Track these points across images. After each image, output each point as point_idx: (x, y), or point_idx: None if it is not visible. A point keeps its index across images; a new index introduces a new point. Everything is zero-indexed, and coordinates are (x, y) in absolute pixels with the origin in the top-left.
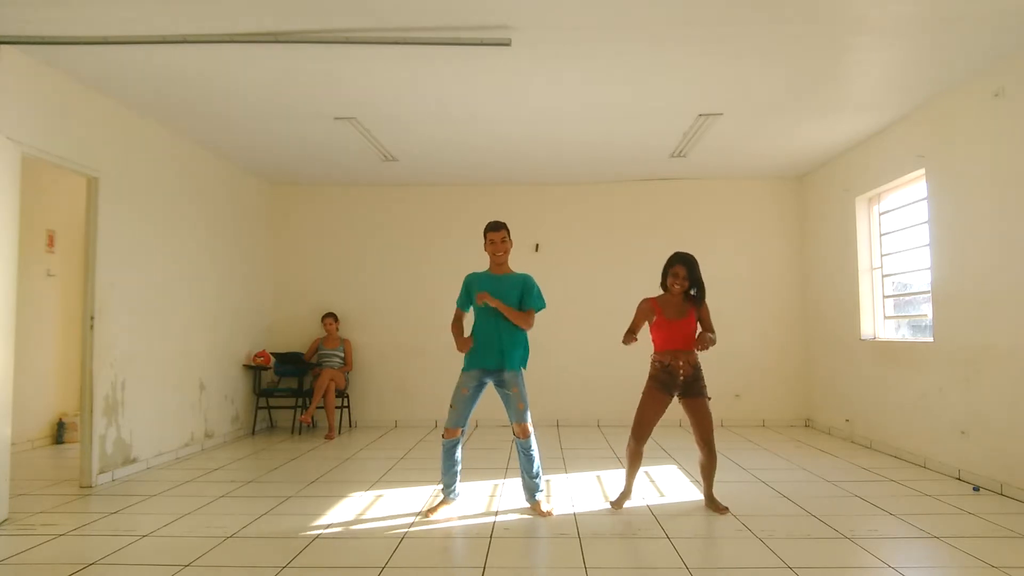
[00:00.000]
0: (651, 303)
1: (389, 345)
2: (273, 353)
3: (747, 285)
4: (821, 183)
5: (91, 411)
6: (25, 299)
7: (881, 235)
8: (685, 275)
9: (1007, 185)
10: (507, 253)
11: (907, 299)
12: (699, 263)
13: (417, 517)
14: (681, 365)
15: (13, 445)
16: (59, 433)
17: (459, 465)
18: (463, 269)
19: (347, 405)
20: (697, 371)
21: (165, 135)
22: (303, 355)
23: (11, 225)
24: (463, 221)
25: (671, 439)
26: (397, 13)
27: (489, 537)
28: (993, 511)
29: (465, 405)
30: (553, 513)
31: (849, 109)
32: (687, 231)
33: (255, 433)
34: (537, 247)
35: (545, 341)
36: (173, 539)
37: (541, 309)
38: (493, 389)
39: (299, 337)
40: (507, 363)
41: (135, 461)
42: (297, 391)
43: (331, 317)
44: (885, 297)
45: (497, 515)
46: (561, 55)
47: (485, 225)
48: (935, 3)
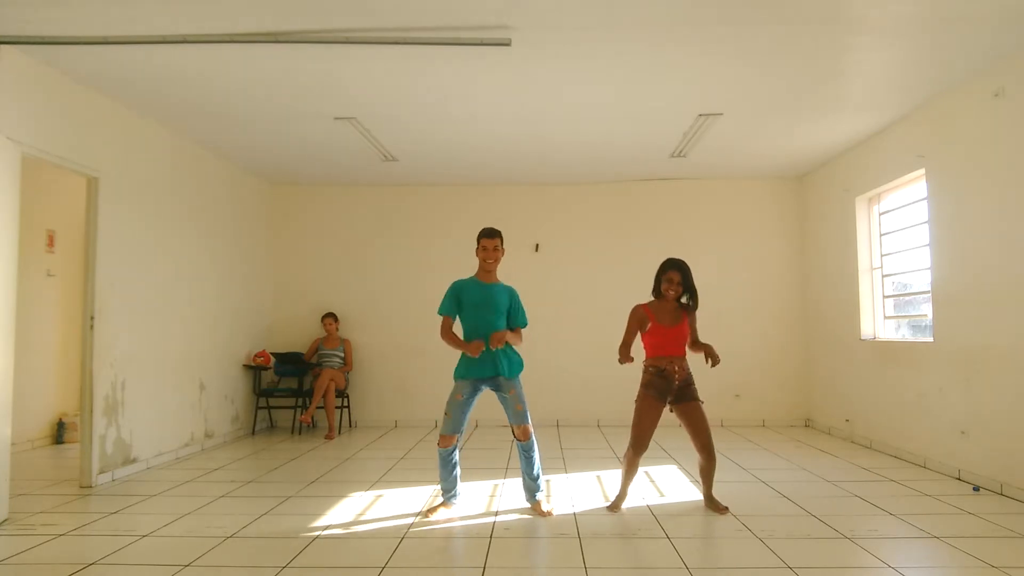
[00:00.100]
0: (644, 309)
1: (389, 345)
2: (273, 353)
3: (747, 285)
4: (821, 183)
5: (91, 411)
6: (25, 299)
7: (881, 235)
8: (679, 280)
9: (1007, 185)
10: (497, 262)
11: (907, 299)
12: (699, 263)
13: (417, 517)
14: (676, 369)
15: (13, 445)
16: (59, 433)
17: (457, 469)
18: (463, 269)
19: (347, 405)
20: (689, 376)
21: (165, 135)
22: (303, 355)
23: (11, 225)
24: (463, 221)
25: (671, 439)
26: (397, 13)
27: (489, 537)
28: (993, 511)
29: (461, 412)
30: (553, 513)
31: (849, 109)
32: (687, 231)
33: (255, 433)
34: (537, 247)
35: (545, 341)
36: (173, 539)
37: (525, 327)
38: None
39: (299, 337)
40: (501, 371)
41: (135, 461)
42: (297, 391)
43: (331, 317)
44: (885, 297)
45: (497, 515)
46: (561, 55)
47: (480, 230)
48: (935, 3)
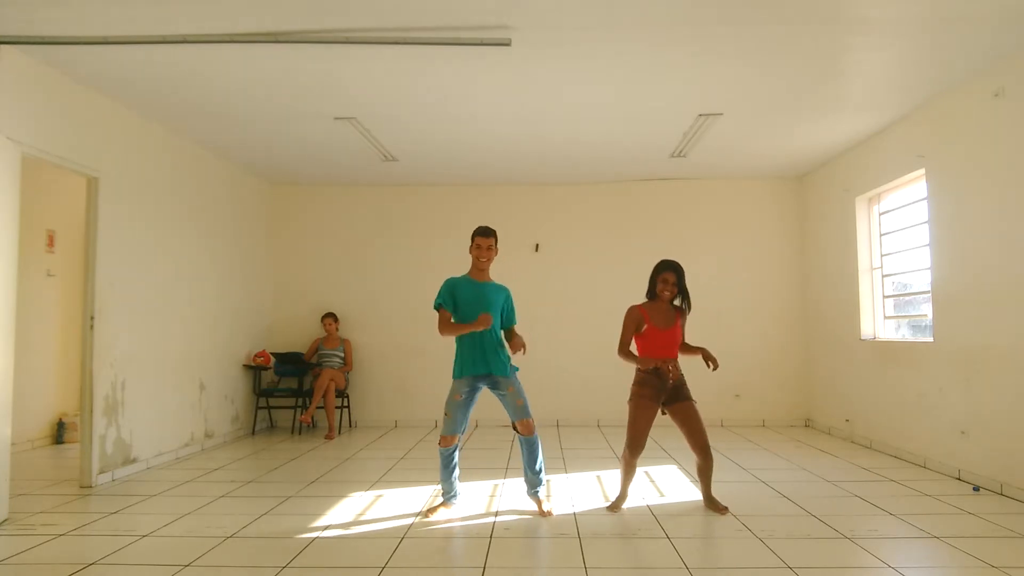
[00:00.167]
0: (640, 311)
1: (389, 345)
2: (273, 353)
3: (747, 285)
4: (821, 183)
5: (91, 411)
6: (25, 299)
7: (881, 235)
8: (674, 281)
9: (1007, 185)
10: (491, 261)
11: (907, 299)
12: (699, 263)
13: (417, 517)
14: (670, 369)
15: (13, 445)
16: (59, 433)
17: (458, 470)
18: (463, 269)
19: (347, 405)
20: (682, 376)
21: (165, 135)
22: (303, 355)
23: (11, 225)
24: (463, 221)
25: (671, 439)
26: (397, 13)
27: (489, 537)
28: (993, 511)
29: (460, 411)
30: (553, 513)
31: (849, 109)
32: (687, 231)
33: (255, 433)
34: (537, 247)
35: (545, 341)
36: (173, 539)
37: (514, 326)
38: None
39: (299, 337)
40: (495, 369)
41: (135, 461)
42: (297, 391)
43: (331, 317)
44: (885, 297)
45: (497, 515)
46: (561, 55)
47: (475, 228)
48: (935, 3)
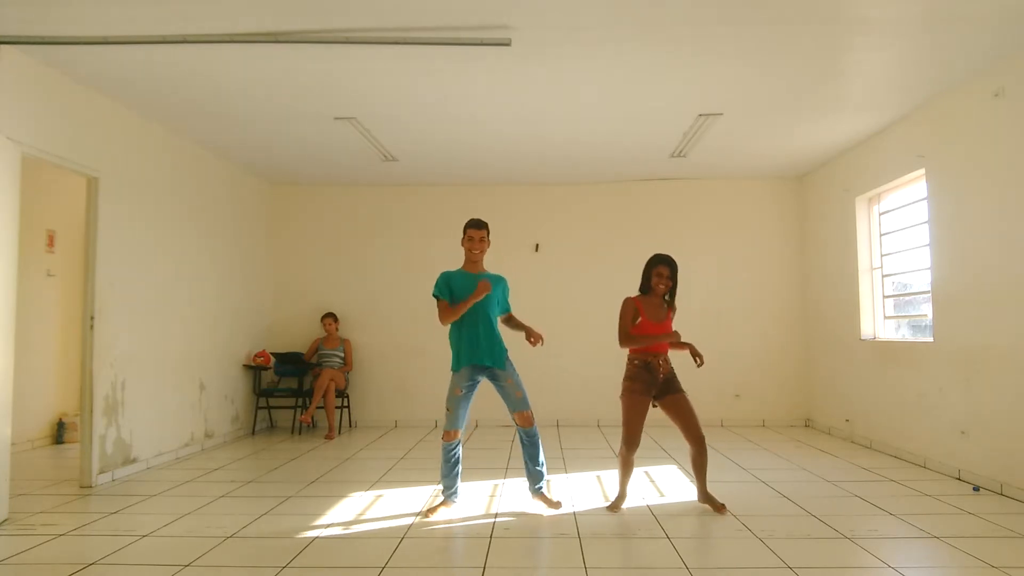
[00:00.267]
0: (636, 302)
1: (389, 345)
2: (273, 353)
3: (747, 285)
4: (821, 183)
5: (91, 411)
6: (25, 299)
7: (881, 235)
8: (669, 275)
9: (1007, 185)
10: (483, 252)
11: (907, 299)
12: (699, 263)
13: (417, 517)
14: (661, 363)
15: (13, 445)
16: (59, 433)
17: (459, 467)
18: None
19: (347, 405)
20: (672, 370)
21: (165, 135)
22: (303, 355)
23: (11, 225)
24: (463, 221)
25: (671, 439)
26: (397, 13)
27: (489, 537)
28: (993, 511)
29: (461, 406)
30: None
31: (849, 109)
32: (687, 231)
33: (255, 433)
34: (537, 247)
35: (545, 341)
36: (173, 539)
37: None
38: (489, 389)
39: (299, 337)
40: (492, 360)
41: (135, 461)
42: (297, 391)
43: (331, 317)
44: (885, 297)
45: (497, 515)
46: (561, 55)
47: (467, 221)
48: (935, 3)
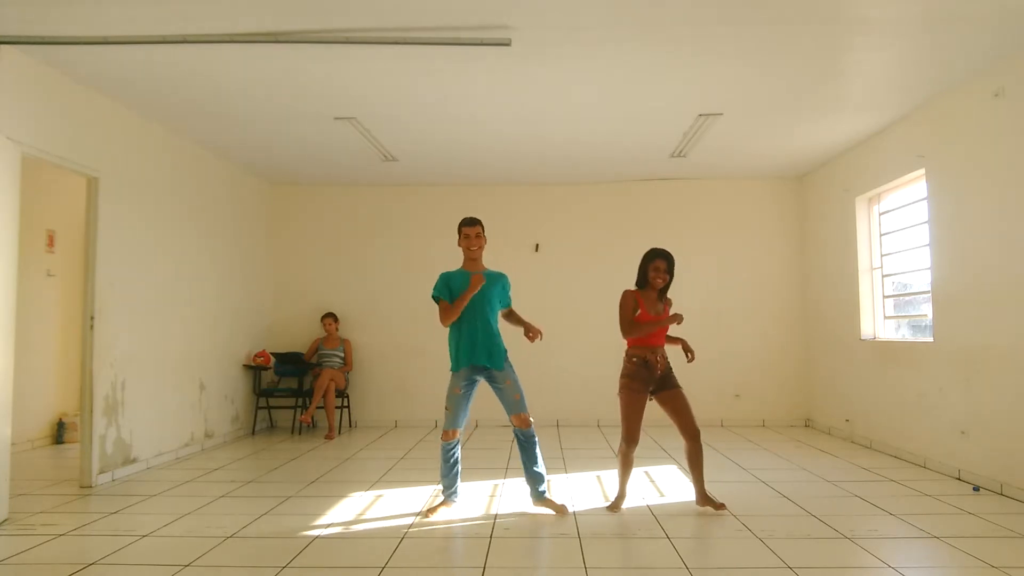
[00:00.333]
0: (635, 295)
1: (389, 345)
2: (273, 353)
3: (747, 285)
4: (821, 183)
5: (91, 411)
6: (25, 299)
7: (881, 235)
8: (666, 269)
9: (1007, 185)
10: (481, 248)
11: (907, 299)
12: (699, 263)
13: (417, 517)
14: (659, 360)
15: (13, 445)
16: (59, 433)
17: (459, 466)
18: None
19: (347, 405)
20: (669, 365)
21: (165, 135)
22: (303, 355)
23: (11, 225)
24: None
25: (671, 439)
26: (397, 13)
27: (489, 537)
28: (993, 511)
29: (460, 405)
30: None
31: (849, 109)
32: (687, 231)
33: (255, 433)
34: (537, 247)
35: (545, 341)
36: (173, 539)
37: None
38: (487, 389)
39: (299, 337)
40: (490, 361)
41: (135, 461)
42: (297, 391)
43: (331, 317)
44: (885, 297)
45: (497, 515)
46: (561, 55)
47: (460, 220)
48: (935, 3)
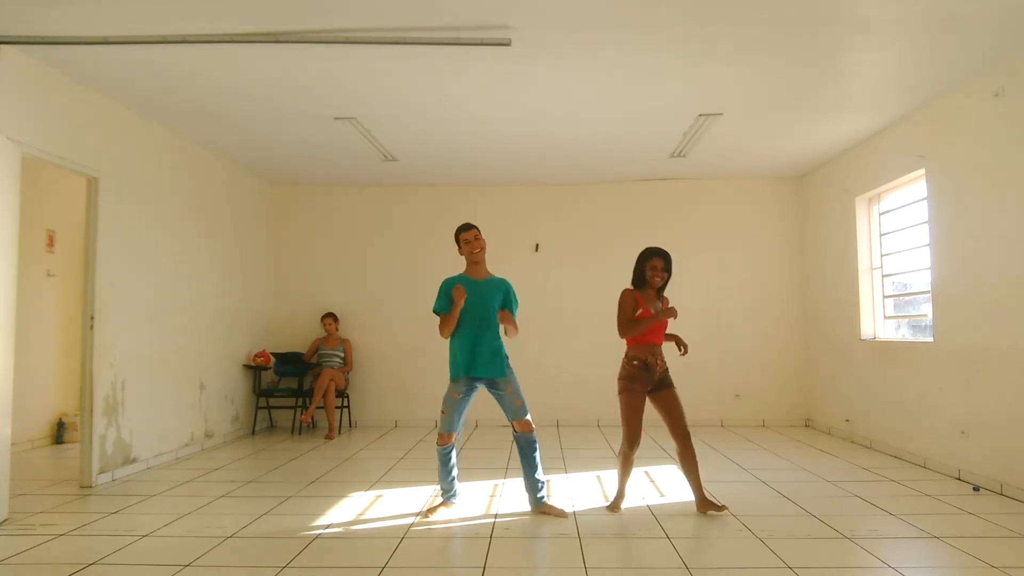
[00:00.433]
0: (635, 295)
1: (389, 345)
2: (273, 353)
3: (747, 285)
4: (821, 183)
5: (91, 411)
6: (25, 299)
7: (881, 235)
8: (663, 267)
9: (1007, 185)
10: (483, 251)
11: (907, 299)
12: (699, 264)
13: (417, 517)
14: (658, 361)
15: (13, 445)
16: (59, 433)
17: (456, 470)
18: (462, 269)
19: (347, 405)
20: (666, 366)
21: (165, 135)
22: (303, 355)
23: (11, 225)
24: (463, 221)
25: (671, 439)
26: (397, 13)
27: (489, 537)
28: (993, 511)
29: (457, 409)
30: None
31: (849, 109)
32: (687, 231)
33: (255, 433)
34: (537, 247)
35: (545, 341)
36: (173, 539)
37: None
38: (488, 391)
39: (299, 337)
40: (491, 372)
41: (135, 461)
42: (297, 391)
43: (331, 317)
44: (885, 297)
45: (497, 516)
46: (561, 55)
47: (455, 229)
48: (935, 3)
